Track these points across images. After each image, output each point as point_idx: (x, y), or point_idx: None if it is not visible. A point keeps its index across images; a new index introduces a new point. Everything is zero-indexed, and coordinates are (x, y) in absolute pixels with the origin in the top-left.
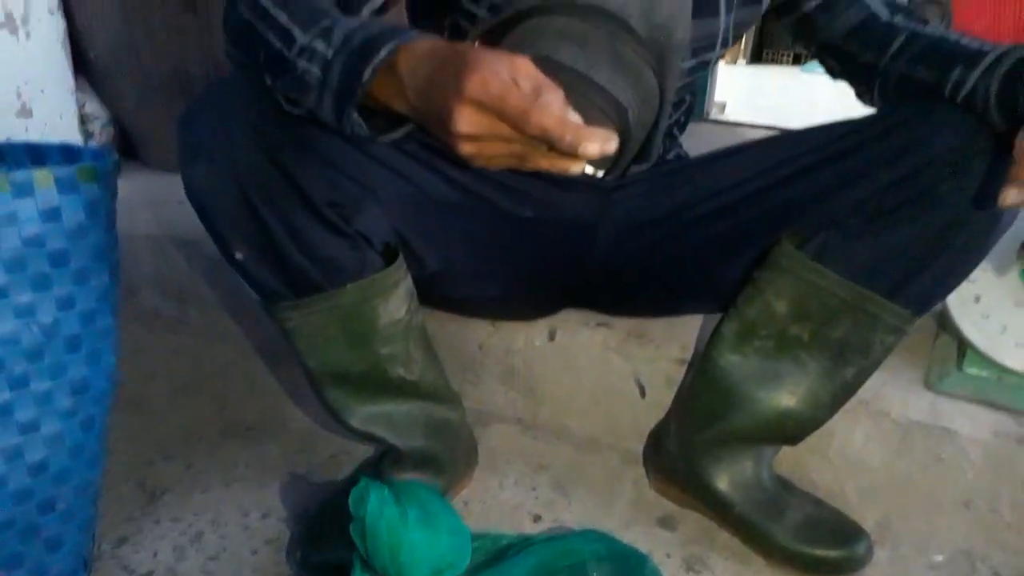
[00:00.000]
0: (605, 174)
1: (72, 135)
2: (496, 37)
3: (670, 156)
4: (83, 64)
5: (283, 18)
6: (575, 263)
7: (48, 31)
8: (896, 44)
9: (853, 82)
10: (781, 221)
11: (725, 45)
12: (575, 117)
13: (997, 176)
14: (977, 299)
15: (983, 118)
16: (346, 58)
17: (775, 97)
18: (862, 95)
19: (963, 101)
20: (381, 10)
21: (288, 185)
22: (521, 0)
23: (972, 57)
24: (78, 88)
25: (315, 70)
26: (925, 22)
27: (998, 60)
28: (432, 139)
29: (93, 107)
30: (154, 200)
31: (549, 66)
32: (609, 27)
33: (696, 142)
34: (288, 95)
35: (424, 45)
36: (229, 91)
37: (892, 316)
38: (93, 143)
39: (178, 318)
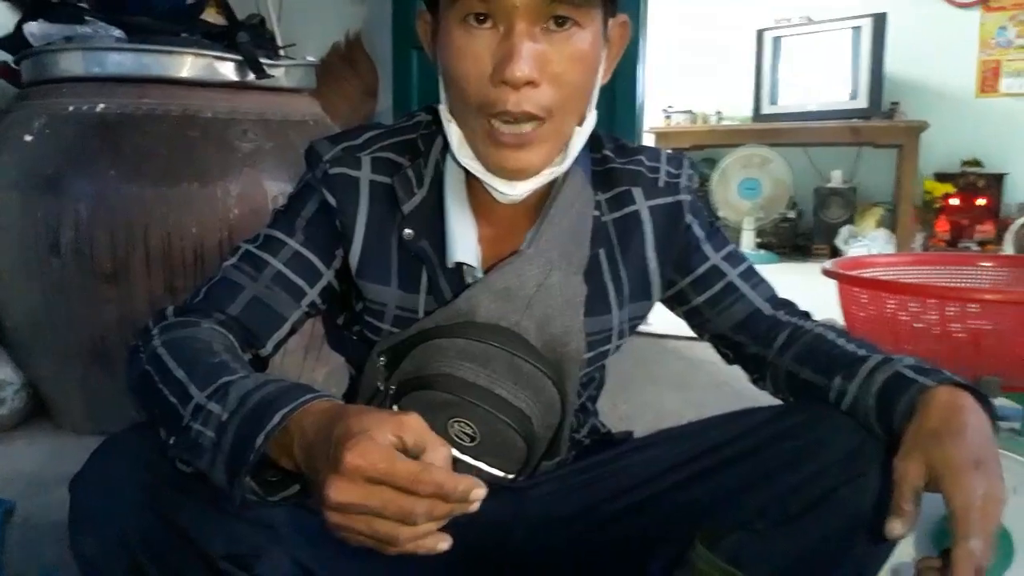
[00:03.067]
0: (516, 476)
1: None
2: (400, 353)
3: (584, 431)
4: None
5: (180, 373)
6: (492, 560)
7: None
8: (780, 339)
9: (746, 369)
10: (692, 521)
11: (621, 337)
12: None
13: (887, 494)
14: (896, 573)
15: (869, 426)
16: (240, 422)
17: None
18: (755, 382)
19: (847, 410)
20: (289, 335)
21: (184, 545)
22: (424, 320)
23: (850, 366)
24: None
25: (209, 433)
26: (806, 315)
27: (871, 375)
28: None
29: (6, 373)
30: (61, 475)
31: (453, 383)
32: (508, 344)
33: (622, 355)
34: (181, 457)
35: (318, 407)
36: (121, 452)
37: None
38: (4, 410)
39: None
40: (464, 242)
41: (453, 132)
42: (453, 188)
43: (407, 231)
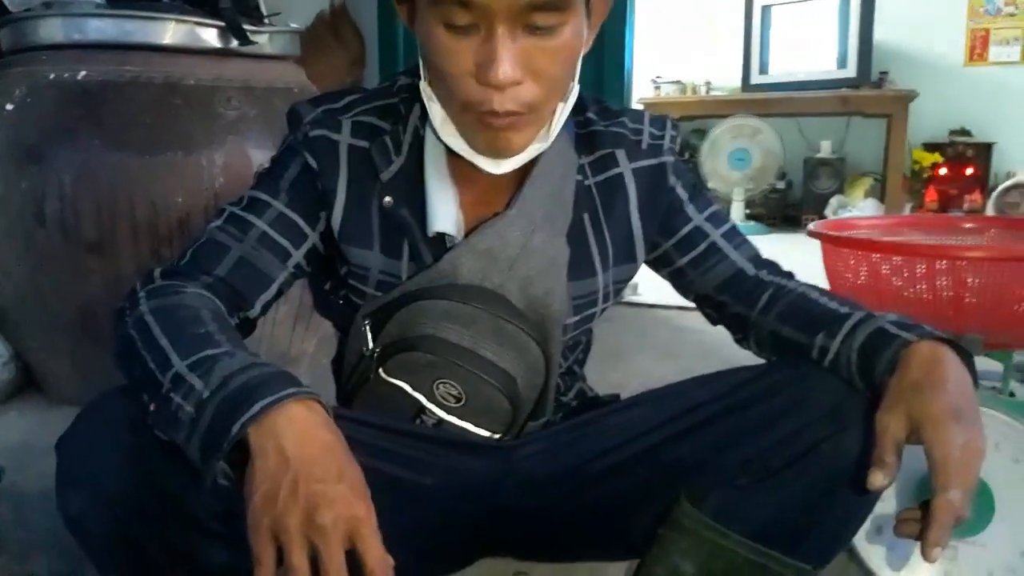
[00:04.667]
0: (502, 437)
1: None
2: (384, 317)
3: (571, 394)
4: None
5: (164, 341)
6: (481, 521)
7: None
8: (764, 299)
9: (730, 330)
10: (676, 478)
11: (607, 300)
12: None
13: (870, 448)
14: (880, 530)
15: (852, 382)
16: (219, 404)
17: None
18: (739, 341)
19: (830, 366)
20: (276, 297)
21: (169, 505)
22: (407, 283)
23: (832, 323)
24: None
25: (188, 408)
26: (789, 275)
27: (853, 331)
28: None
29: None
30: (51, 445)
31: (438, 345)
32: (491, 305)
33: (612, 324)
34: (160, 428)
35: (307, 420)
36: (106, 413)
37: (795, 572)
38: None
39: None
40: (444, 212)
41: (436, 112)
42: (433, 155)
43: (387, 199)
